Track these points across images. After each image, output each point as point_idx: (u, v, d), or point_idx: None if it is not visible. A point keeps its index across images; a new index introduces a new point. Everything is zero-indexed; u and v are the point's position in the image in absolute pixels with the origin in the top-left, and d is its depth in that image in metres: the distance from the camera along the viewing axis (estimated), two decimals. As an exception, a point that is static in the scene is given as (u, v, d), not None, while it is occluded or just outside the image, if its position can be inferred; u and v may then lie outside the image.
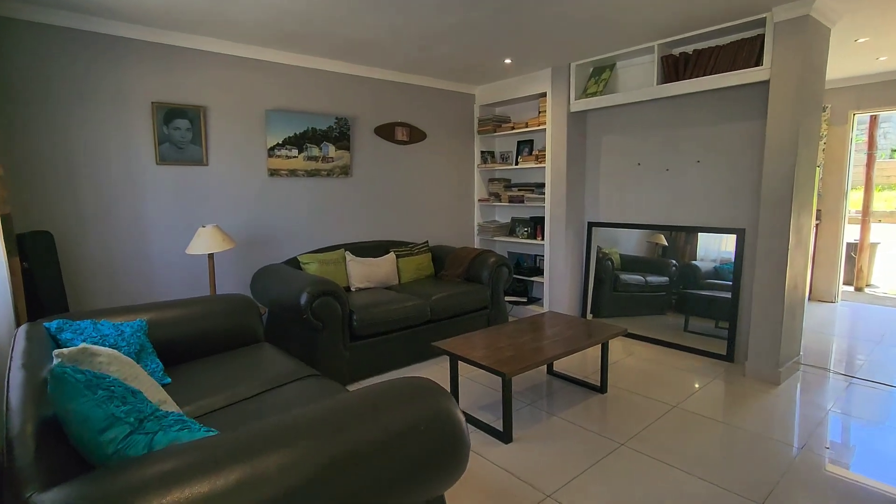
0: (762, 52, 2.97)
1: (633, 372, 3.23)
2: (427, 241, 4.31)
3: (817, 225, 5.02)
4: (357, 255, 3.91)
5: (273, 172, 3.57)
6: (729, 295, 3.40)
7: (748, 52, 3.02)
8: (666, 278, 3.81)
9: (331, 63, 3.78)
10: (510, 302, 4.62)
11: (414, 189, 4.49)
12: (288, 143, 3.62)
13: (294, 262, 3.60)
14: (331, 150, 3.85)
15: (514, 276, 4.65)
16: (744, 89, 3.23)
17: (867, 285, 5.78)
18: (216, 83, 3.29)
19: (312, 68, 3.73)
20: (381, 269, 3.84)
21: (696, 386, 2.97)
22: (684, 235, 3.71)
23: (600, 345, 2.88)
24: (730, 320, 3.39)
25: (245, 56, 3.38)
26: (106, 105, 2.90)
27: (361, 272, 3.71)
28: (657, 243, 3.94)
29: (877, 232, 6.07)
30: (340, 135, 3.89)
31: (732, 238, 3.41)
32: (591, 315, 4.32)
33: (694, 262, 3.65)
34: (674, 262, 3.77)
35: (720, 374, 3.17)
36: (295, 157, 3.67)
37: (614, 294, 4.14)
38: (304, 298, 2.80)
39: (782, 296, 2.94)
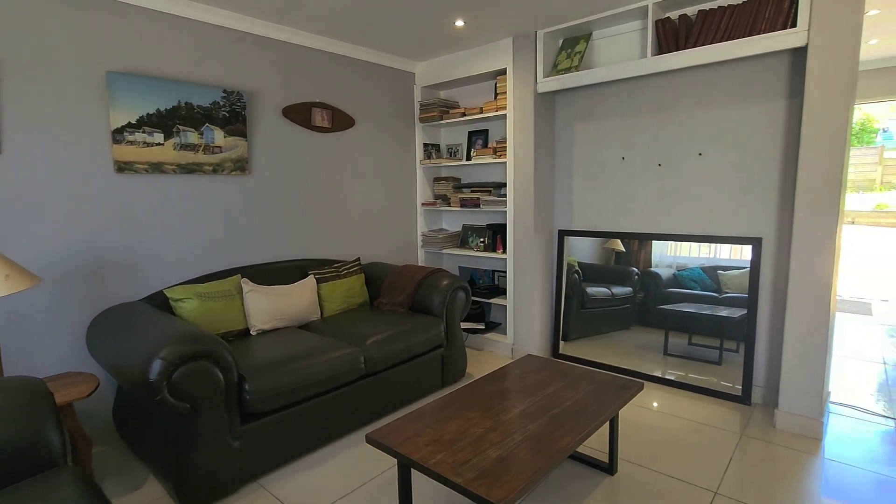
0: (792, 11, 2.30)
1: (637, 430, 2.44)
2: (359, 259, 3.31)
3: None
4: (260, 283, 2.83)
5: (123, 167, 2.41)
6: (713, 311, 2.76)
7: (774, 10, 2.34)
8: (629, 289, 3.20)
9: (215, 12, 2.68)
10: (465, 330, 3.73)
11: (339, 191, 3.47)
12: (147, 123, 2.47)
13: (160, 299, 2.46)
14: (217, 135, 2.74)
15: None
16: (764, 60, 2.56)
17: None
18: (15, 24, 2.09)
19: (185, 17, 2.60)
20: (296, 300, 2.78)
21: (727, 453, 2.23)
22: (637, 241, 3.13)
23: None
24: (745, 354, 2.72)
25: (67, -13, 2.21)
26: None
27: (266, 307, 2.64)
28: (613, 249, 3.28)
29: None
30: (231, 115, 2.79)
31: (686, 244, 2.91)
32: (563, 341, 3.55)
33: (652, 268, 3.09)
34: (635, 269, 3.14)
35: (744, 426, 2.47)
36: (160, 144, 2.52)
37: (582, 312, 3.42)
38: (154, 370, 1.71)
39: (826, 325, 2.28)
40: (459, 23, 2.98)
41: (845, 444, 2.27)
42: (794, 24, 2.28)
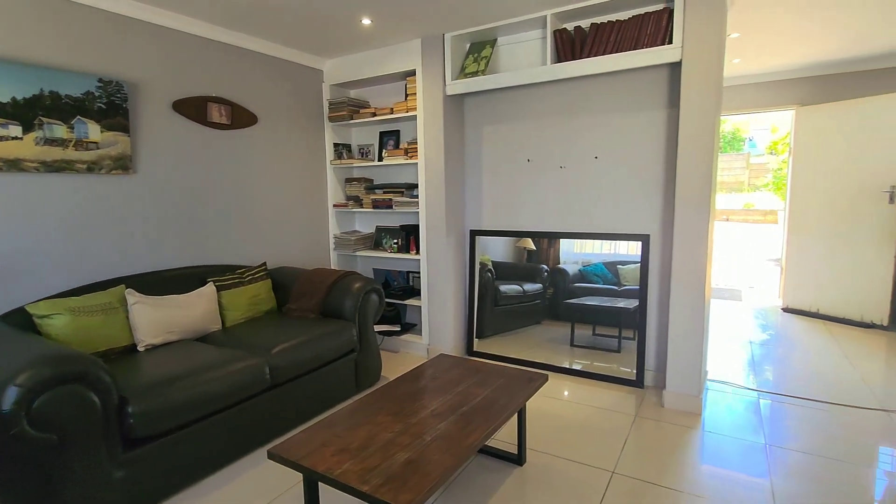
0: (669, 29, 2.54)
1: (544, 419, 2.56)
2: (265, 264, 3.13)
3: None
4: (149, 293, 2.56)
5: (-32, 163, 2.06)
6: (613, 303, 3.01)
7: (654, 27, 2.57)
8: (540, 285, 3.37)
9: (85, -8, 2.38)
10: (380, 333, 3.68)
11: (242, 192, 3.25)
12: (0, 113, 2.13)
13: (20, 317, 2.13)
14: (92, 129, 2.44)
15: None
16: (649, 72, 2.80)
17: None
18: None
19: (48, -5, 2.29)
20: (191, 310, 2.56)
21: (624, 434, 2.41)
22: (547, 240, 3.30)
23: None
24: (638, 341, 2.96)
25: None
26: None
27: (155, 319, 2.40)
28: (525, 247, 3.46)
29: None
30: (110, 107, 2.50)
31: (591, 242, 3.13)
32: (477, 339, 3.63)
33: (560, 265, 3.28)
34: (545, 266, 3.33)
35: (638, 408, 2.68)
36: (17, 137, 2.19)
37: (496, 309, 3.54)
38: (9, 399, 1.48)
39: (702, 311, 2.55)
40: (366, 21, 2.92)
41: (720, 417, 2.55)
42: (670, 41, 2.52)
